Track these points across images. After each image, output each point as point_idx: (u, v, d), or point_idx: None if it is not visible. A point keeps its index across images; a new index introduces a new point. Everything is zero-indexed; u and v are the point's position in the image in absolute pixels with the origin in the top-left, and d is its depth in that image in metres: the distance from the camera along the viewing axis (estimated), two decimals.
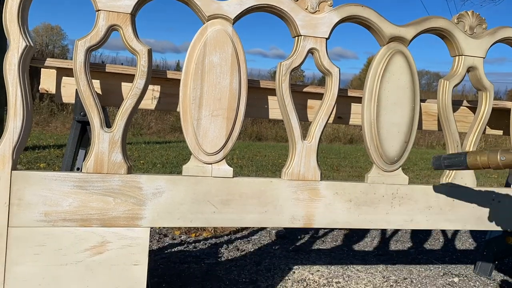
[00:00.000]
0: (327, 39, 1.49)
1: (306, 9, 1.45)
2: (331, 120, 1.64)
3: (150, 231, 3.41)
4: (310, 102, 1.75)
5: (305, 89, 1.73)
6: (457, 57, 1.65)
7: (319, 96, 1.71)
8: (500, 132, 1.95)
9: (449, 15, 1.78)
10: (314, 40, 1.47)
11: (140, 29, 1.37)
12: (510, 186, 1.74)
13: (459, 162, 1.13)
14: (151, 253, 2.92)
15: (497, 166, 1.06)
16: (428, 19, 1.58)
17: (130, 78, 1.51)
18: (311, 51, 1.48)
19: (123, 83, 1.56)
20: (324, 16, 1.47)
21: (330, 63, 1.50)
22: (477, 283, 2.89)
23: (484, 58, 1.65)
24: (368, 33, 1.58)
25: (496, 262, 3.03)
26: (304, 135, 1.51)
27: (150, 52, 1.36)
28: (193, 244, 3.25)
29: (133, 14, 1.34)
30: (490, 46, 1.65)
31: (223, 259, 2.98)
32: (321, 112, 1.52)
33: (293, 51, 1.49)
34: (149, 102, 1.59)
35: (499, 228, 1.71)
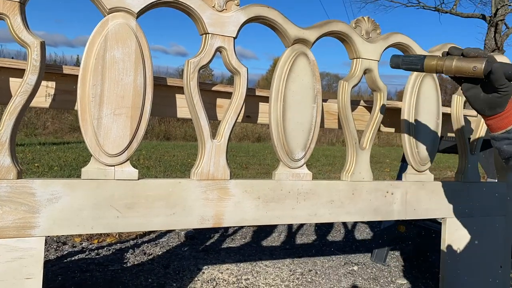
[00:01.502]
0: (235, 38, 1.49)
1: (213, 7, 1.44)
2: (240, 119, 1.65)
3: (46, 239, 3.15)
4: (219, 101, 1.74)
5: (214, 88, 1.72)
6: (355, 59, 1.76)
7: (228, 95, 1.71)
8: (393, 130, 2.13)
9: (347, 20, 1.89)
10: (222, 38, 1.46)
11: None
12: (401, 179, 1.90)
13: (417, 61, 1.13)
14: (48, 263, 2.68)
15: (448, 72, 1.06)
16: (330, 23, 1.66)
17: (20, 73, 1.36)
18: (219, 50, 1.47)
19: (11, 79, 1.40)
20: (231, 15, 1.47)
21: (238, 62, 1.50)
22: (374, 269, 3.13)
23: (378, 61, 1.78)
24: (268, 34, 1.61)
25: (390, 249, 3.32)
26: (213, 134, 1.50)
27: (43, 45, 1.24)
28: (96, 250, 3.06)
29: (22, 3, 1.21)
30: (384, 50, 1.78)
31: (129, 264, 2.85)
32: (230, 111, 1.51)
33: (201, 49, 1.46)
34: (43, 100, 1.45)
35: (392, 218, 1.86)
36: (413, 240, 3.25)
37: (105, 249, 3.10)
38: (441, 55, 1.11)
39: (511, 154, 1.10)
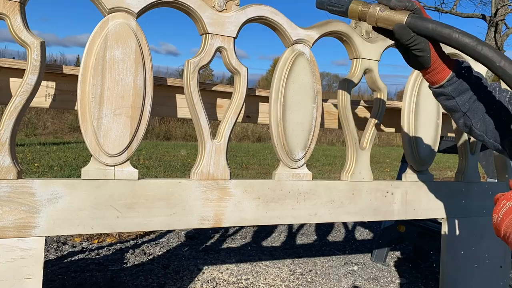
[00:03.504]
0: (235, 38, 1.49)
1: (213, 7, 1.44)
2: (240, 119, 1.65)
3: (46, 239, 3.15)
4: (219, 101, 1.74)
5: (214, 88, 1.72)
6: (355, 59, 1.76)
7: (228, 95, 1.71)
8: (393, 130, 2.13)
9: (348, 20, 1.90)
10: (222, 38, 1.46)
11: None
12: (401, 179, 1.90)
13: (343, 3, 1.04)
14: (48, 263, 2.69)
15: (371, 21, 1.00)
16: (330, 23, 1.66)
17: (20, 73, 1.36)
18: (219, 50, 1.47)
19: (11, 79, 1.40)
20: (231, 15, 1.47)
21: (238, 62, 1.50)
22: (374, 269, 3.12)
23: (378, 61, 1.78)
24: (261, 34, 1.61)
25: (390, 249, 3.31)
26: (213, 134, 1.50)
27: (43, 45, 1.24)
28: (96, 250, 3.06)
29: (22, 3, 1.21)
30: (384, 50, 1.78)
31: (129, 264, 2.85)
32: (230, 111, 1.51)
33: (201, 49, 1.46)
34: (43, 100, 1.45)
35: (392, 218, 1.86)
36: (413, 240, 3.25)
37: (105, 249, 3.10)
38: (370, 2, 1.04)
39: (451, 108, 1.09)
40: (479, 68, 1.54)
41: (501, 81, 1.22)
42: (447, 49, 1.06)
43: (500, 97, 1.07)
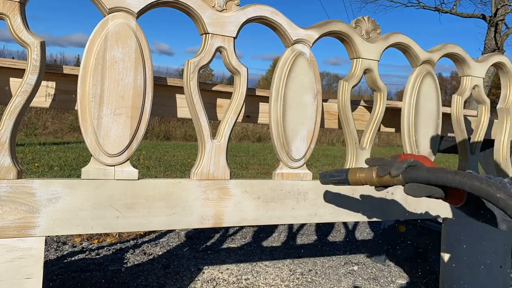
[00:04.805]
0: (235, 38, 1.49)
1: (213, 6, 1.44)
2: (240, 119, 1.65)
3: (46, 239, 3.15)
4: (219, 101, 1.74)
5: (214, 88, 1.72)
6: (355, 59, 1.76)
7: (228, 95, 1.71)
8: (393, 130, 2.13)
9: (347, 20, 1.91)
10: (222, 38, 1.46)
11: None
12: None
13: (341, 180, 1.13)
14: (48, 263, 2.68)
15: (372, 184, 1.05)
16: (329, 23, 1.66)
17: (20, 73, 1.36)
18: (219, 50, 1.47)
19: (11, 79, 1.40)
20: (231, 15, 1.47)
21: (238, 62, 1.50)
22: (374, 269, 3.12)
23: (378, 61, 1.78)
24: (255, 35, 1.61)
25: (390, 249, 3.31)
26: (213, 134, 1.50)
27: (43, 45, 1.24)
28: (96, 250, 3.06)
29: (22, 3, 1.21)
30: (384, 50, 1.78)
31: (129, 264, 2.85)
32: (230, 111, 1.51)
33: (201, 49, 1.46)
34: (43, 100, 1.45)
35: (392, 218, 1.86)
36: (413, 240, 3.25)
37: (105, 249, 3.10)
38: (365, 167, 1.09)
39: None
40: None
41: None
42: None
43: None
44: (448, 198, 1.02)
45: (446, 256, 2.00)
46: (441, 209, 1.95)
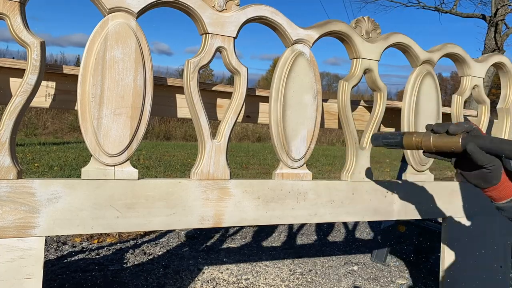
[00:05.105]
0: (235, 38, 1.49)
1: (213, 6, 1.44)
2: (240, 119, 1.65)
3: (46, 239, 3.15)
4: (219, 101, 1.74)
5: (214, 88, 1.72)
6: (355, 59, 1.76)
7: (228, 95, 1.71)
8: (393, 130, 2.13)
9: (347, 20, 1.91)
10: (222, 38, 1.46)
11: None
12: (401, 179, 1.90)
13: (395, 143, 1.12)
14: (48, 263, 2.68)
15: (428, 148, 1.03)
16: (329, 23, 1.66)
17: (20, 73, 1.36)
18: (219, 50, 1.47)
19: (11, 79, 1.40)
20: (231, 15, 1.47)
21: (238, 62, 1.50)
22: (374, 269, 3.12)
23: (378, 61, 1.78)
24: (252, 35, 1.61)
25: (390, 249, 3.31)
26: (213, 134, 1.50)
27: (43, 45, 1.24)
28: (96, 250, 3.07)
29: (22, 3, 1.21)
30: (384, 50, 1.78)
31: (129, 264, 2.85)
32: (230, 111, 1.51)
33: (201, 49, 1.46)
34: (43, 100, 1.45)
35: (392, 218, 1.86)
36: (413, 240, 3.25)
37: (105, 249, 3.10)
38: (422, 131, 1.07)
39: None
40: None
41: None
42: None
43: None
44: (498, 187, 0.97)
45: (446, 256, 2.00)
46: (441, 209, 1.95)
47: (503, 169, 0.97)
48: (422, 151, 1.06)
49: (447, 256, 2.00)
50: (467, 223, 2.02)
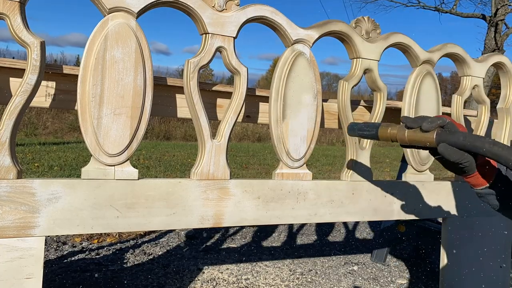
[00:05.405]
0: (235, 38, 1.49)
1: (213, 6, 1.44)
2: (240, 119, 1.65)
3: (46, 239, 3.15)
4: (219, 101, 1.74)
5: (214, 88, 1.72)
6: (355, 59, 1.76)
7: (228, 95, 1.71)
8: None
9: (347, 19, 1.92)
10: (222, 38, 1.46)
11: None
12: (401, 179, 1.90)
13: (371, 135, 1.12)
14: (48, 263, 2.68)
15: (403, 142, 1.02)
16: (329, 23, 1.66)
17: (20, 73, 1.36)
18: (219, 50, 1.47)
19: (11, 79, 1.40)
20: (231, 15, 1.47)
21: (238, 62, 1.50)
22: (374, 269, 3.12)
23: (378, 61, 1.78)
24: (252, 35, 1.61)
25: (390, 249, 3.31)
26: (213, 134, 1.50)
27: (43, 45, 1.24)
28: (96, 250, 3.06)
29: (22, 3, 1.21)
30: (384, 50, 1.78)
31: (129, 264, 2.85)
32: (230, 111, 1.51)
33: (201, 49, 1.46)
34: (43, 100, 1.45)
35: (392, 218, 1.86)
36: (413, 240, 3.25)
37: (105, 249, 3.10)
38: (397, 124, 1.06)
39: (498, 206, 1.06)
40: None
41: None
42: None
43: None
44: (474, 175, 0.98)
45: (446, 256, 2.00)
46: (441, 209, 1.95)
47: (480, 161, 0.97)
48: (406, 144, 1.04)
49: (447, 256, 2.00)
50: (467, 223, 2.02)
